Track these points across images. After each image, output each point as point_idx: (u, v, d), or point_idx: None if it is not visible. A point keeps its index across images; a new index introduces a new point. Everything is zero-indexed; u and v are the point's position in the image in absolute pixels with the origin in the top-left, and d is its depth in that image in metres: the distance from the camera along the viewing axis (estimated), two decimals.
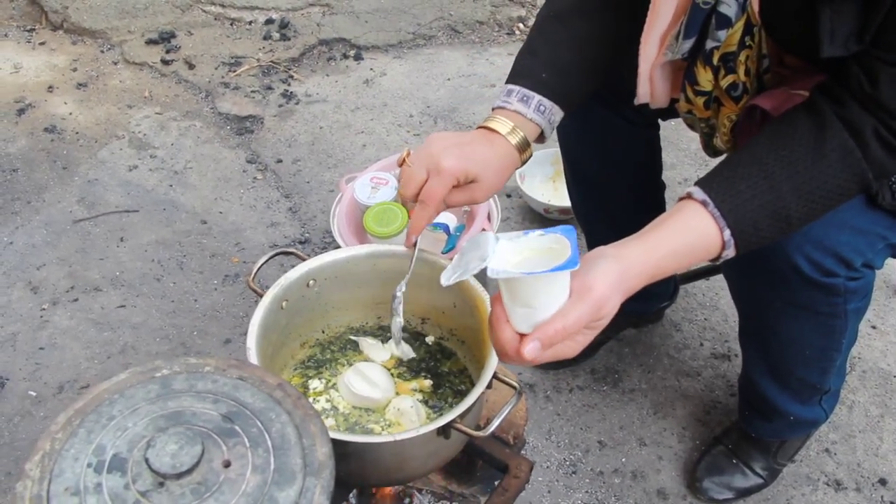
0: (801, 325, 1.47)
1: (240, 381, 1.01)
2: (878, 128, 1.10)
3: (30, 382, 2.01)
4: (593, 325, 1.01)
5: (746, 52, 1.25)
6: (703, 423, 1.95)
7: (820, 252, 1.30)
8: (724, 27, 1.22)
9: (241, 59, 3.18)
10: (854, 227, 1.31)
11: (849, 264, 1.33)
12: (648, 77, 1.37)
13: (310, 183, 2.61)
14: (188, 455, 0.87)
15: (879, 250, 1.37)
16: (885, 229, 1.34)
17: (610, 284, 1.00)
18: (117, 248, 2.38)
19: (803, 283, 1.34)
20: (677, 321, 2.17)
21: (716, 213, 1.09)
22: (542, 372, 2.04)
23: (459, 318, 1.36)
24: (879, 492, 1.82)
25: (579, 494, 1.82)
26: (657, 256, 1.06)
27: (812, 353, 1.54)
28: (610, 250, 1.05)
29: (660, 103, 1.45)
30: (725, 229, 1.09)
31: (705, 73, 1.29)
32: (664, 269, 1.08)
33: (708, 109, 1.36)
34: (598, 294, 0.99)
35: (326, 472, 0.92)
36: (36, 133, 2.80)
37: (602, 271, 1.00)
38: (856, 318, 1.48)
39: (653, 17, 1.28)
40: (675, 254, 1.08)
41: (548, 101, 1.31)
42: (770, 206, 1.11)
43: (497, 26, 3.40)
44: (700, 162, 2.63)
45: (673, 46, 1.29)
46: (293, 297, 1.30)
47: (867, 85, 1.09)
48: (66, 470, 0.89)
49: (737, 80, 1.28)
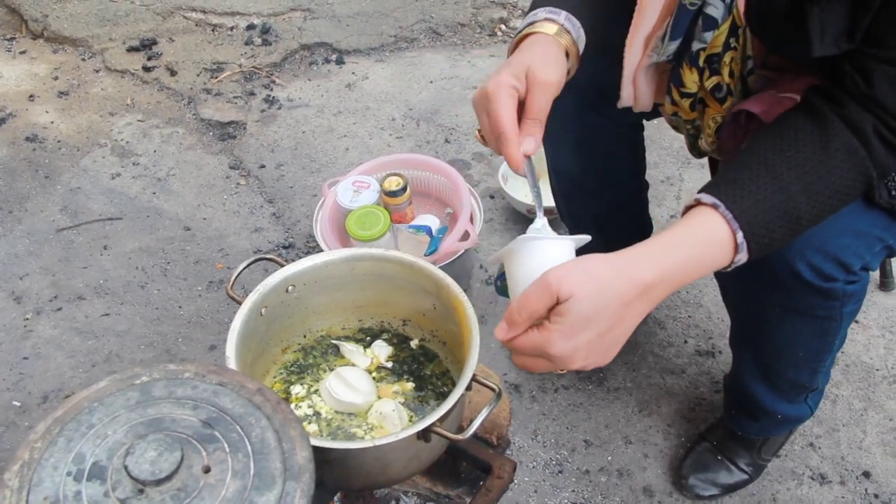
0: (798, 329, 1.46)
1: (219, 386, 1.01)
2: (878, 126, 1.09)
3: (13, 392, 2.00)
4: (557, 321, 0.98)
5: (731, 53, 1.25)
6: (689, 420, 1.96)
7: (821, 257, 1.29)
8: (710, 28, 1.22)
9: (223, 65, 3.17)
10: (854, 231, 1.29)
11: (848, 268, 1.31)
12: (632, 80, 1.37)
13: (293, 188, 2.62)
14: (167, 461, 0.88)
15: (877, 252, 1.35)
16: (882, 231, 1.32)
17: (567, 273, 0.98)
18: (101, 256, 2.38)
19: (803, 289, 1.33)
20: (661, 319, 2.18)
21: (728, 216, 1.05)
22: (527, 373, 2.04)
23: (439, 320, 1.36)
24: (864, 484, 1.84)
25: (566, 493, 1.82)
26: (665, 266, 1.02)
27: (805, 355, 1.53)
28: (612, 255, 1.01)
29: (643, 107, 1.45)
30: (738, 231, 1.05)
31: (691, 75, 1.29)
32: (673, 281, 1.03)
33: (693, 111, 1.36)
34: (553, 275, 0.98)
35: (306, 475, 0.92)
36: (17, 142, 2.79)
37: (570, 265, 1.00)
38: (849, 319, 1.47)
39: (638, 19, 1.28)
40: (686, 261, 1.04)
41: (574, 18, 1.25)
42: (781, 207, 1.08)
43: (479, 28, 3.41)
44: (683, 160, 2.64)
45: (658, 48, 1.29)
46: (272, 303, 1.30)
47: (862, 84, 1.08)
48: (46, 479, 0.89)
49: (721, 81, 1.28)
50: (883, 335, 2.13)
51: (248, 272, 1.36)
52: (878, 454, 1.89)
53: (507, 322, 1.01)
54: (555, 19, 1.23)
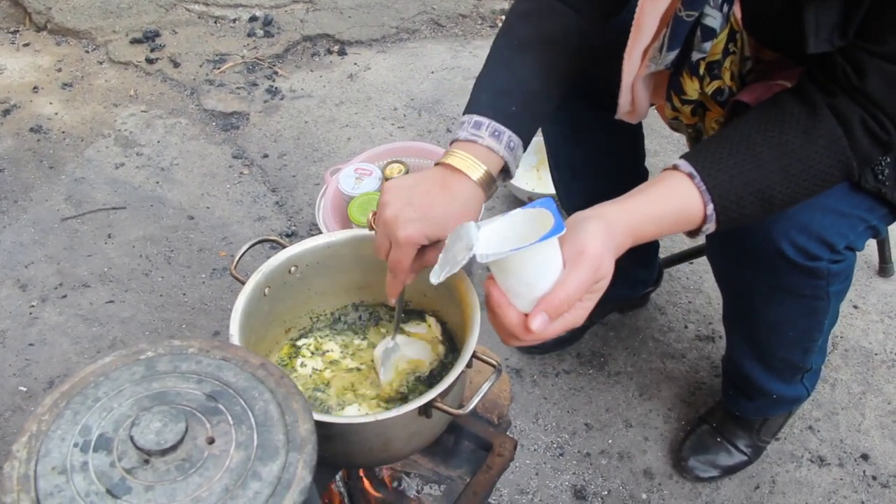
0: (785, 308, 1.49)
1: (223, 361, 1.02)
2: (865, 118, 1.11)
3: (20, 378, 2.02)
4: (595, 288, 1.00)
5: (731, 57, 1.26)
6: (688, 403, 1.97)
7: (805, 236, 1.31)
8: (709, 38, 1.22)
9: (226, 56, 3.19)
10: (837, 211, 1.32)
11: (832, 247, 1.34)
12: (630, 89, 1.38)
13: (296, 177, 2.63)
14: (172, 432, 0.89)
15: (860, 232, 1.38)
16: (865, 212, 1.35)
17: (601, 243, 0.99)
18: (105, 244, 2.40)
19: (788, 268, 1.35)
20: (662, 304, 2.19)
21: (701, 187, 1.09)
22: (529, 357, 2.06)
23: (440, 300, 1.37)
24: (862, 467, 1.85)
25: (567, 476, 1.84)
26: (638, 217, 1.06)
27: (795, 334, 1.56)
28: (590, 212, 1.04)
29: (641, 115, 1.46)
30: (709, 203, 1.09)
31: (692, 83, 1.30)
32: (645, 231, 1.07)
33: (695, 116, 1.37)
34: (591, 254, 0.98)
35: (309, 447, 0.94)
36: (22, 133, 2.81)
37: (590, 232, 0.99)
38: (837, 299, 1.49)
39: (636, 32, 1.28)
40: (657, 219, 1.08)
41: (516, 138, 1.24)
42: (755, 185, 1.11)
43: (480, 19, 3.42)
44: (682, 149, 2.64)
45: (656, 58, 1.30)
46: (275, 283, 1.32)
47: (854, 77, 1.10)
48: (53, 450, 0.91)
49: (722, 85, 1.29)
50: (882, 320, 2.15)
51: (251, 258, 1.37)
52: (877, 437, 1.91)
53: (551, 315, 0.98)
54: (478, 141, 1.21)
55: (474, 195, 1.19)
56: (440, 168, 1.21)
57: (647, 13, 1.25)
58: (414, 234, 1.14)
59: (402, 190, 1.17)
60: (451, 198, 1.17)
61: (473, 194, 1.19)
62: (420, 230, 1.14)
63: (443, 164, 1.21)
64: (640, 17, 1.26)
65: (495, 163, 1.22)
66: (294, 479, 0.90)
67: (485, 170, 1.19)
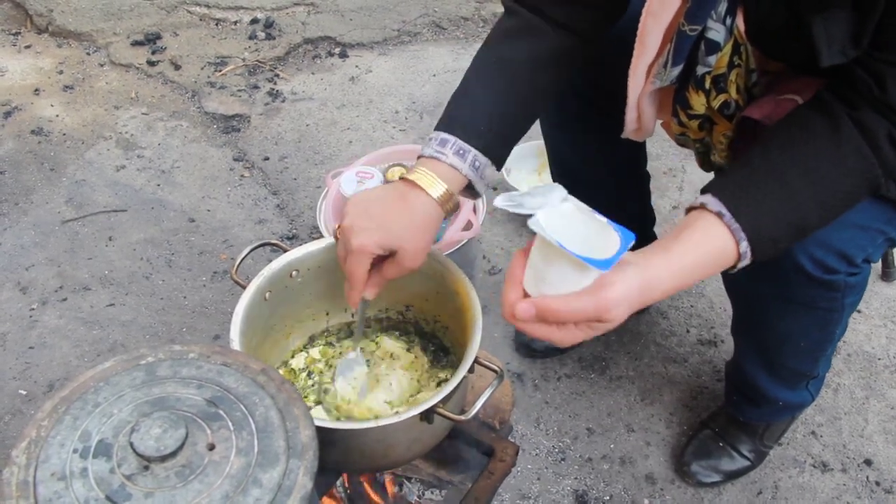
0: (800, 320, 1.46)
1: (224, 366, 1.02)
2: (891, 131, 1.08)
3: (20, 381, 2.01)
4: (595, 326, 0.99)
5: (736, 70, 1.24)
6: (691, 408, 1.96)
7: (823, 251, 1.29)
8: (713, 52, 1.20)
9: (227, 58, 3.19)
10: (856, 224, 1.29)
11: (851, 261, 1.31)
12: (636, 106, 1.37)
13: (297, 180, 2.63)
14: (172, 438, 0.89)
15: (879, 244, 1.35)
16: (884, 224, 1.32)
17: (625, 292, 0.98)
18: (106, 247, 2.39)
19: (805, 281, 1.33)
20: (663, 309, 2.18)
21: (733, 225, 1.06)
22: (530, 361, 2.05)
23: (442, 305, 1.37)
24: (865, 472, 1.84)
25: (568, 481, 1.83)
26: (677, 269, 1.04)
27: (807, 345, 1.54)
28: (638, 258, 1.03)
29: (647, 133, 1.45)
30: (742, 241, 1.06)
31: (698, 98, 1.28)
32: (683, 284, 1.06)
33: (702, 131, 1.36)
34: (608, 297, 0.97)
35: (310, 453, 0.93)
36: (23, 135, 2.80)
37: (625, 278, 0.98)
38: (850, 310, 1.47)
39: (640, 49, 1.26)
40: (695, 267, 1.06)
41: (483, 157, 1.26)
42: (788, 218, 1.09)
43: (482, 22, 3.42)
44: (685, 152, 2.64)
45: (661, 74, 1.28)
46: (276, 287, 1.32)
47: (876, 89, 1.07)
48: (53, 456, 0.90)
49: (728, 98, 1.27)
50: (885, 325, 2.14)
51: (252, 262, 1.37)
52: (880, 442, 1.90)
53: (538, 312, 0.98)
54: (441, 159, 1.23)
55: (432, 211, 1.22)
56: (402, 183, 1.24)
57: (650, 29, 1.23)
58: (367, 243, 1.17)
59: (363, 202, 1.22)
60: (409, 212, 1.20)
61: (431, 210, 1.22)
62: (373, 239, 1.17)
63: (405, 179, 1.23)
64: (642, 33, 1.24)
65: (458, 181, 1.25)
66: (295, 486, 0.89)
67: (445, 188, 1.22)
